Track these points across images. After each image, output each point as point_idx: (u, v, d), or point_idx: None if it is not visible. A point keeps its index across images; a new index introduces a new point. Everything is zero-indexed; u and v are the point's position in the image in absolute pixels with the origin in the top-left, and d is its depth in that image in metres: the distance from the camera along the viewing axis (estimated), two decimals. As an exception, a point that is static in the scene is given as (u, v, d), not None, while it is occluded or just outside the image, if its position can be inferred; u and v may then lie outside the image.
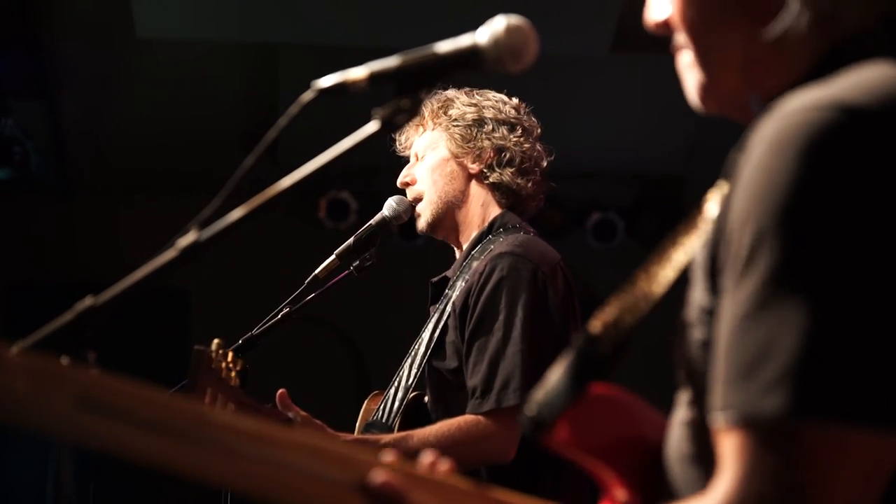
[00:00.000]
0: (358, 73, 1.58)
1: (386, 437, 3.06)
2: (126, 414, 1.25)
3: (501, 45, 1.55)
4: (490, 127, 3.27)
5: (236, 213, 1.55)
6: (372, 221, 3.37)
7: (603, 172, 7.87)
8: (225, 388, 3.04)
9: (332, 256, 3.32)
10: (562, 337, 3.11)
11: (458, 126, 3.28)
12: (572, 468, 3.11)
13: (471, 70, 1.55)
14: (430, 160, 3.33)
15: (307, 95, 1.58)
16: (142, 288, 1.54)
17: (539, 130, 3.36)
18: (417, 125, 3.35)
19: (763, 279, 1.17)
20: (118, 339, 3.02)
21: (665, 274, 1.44)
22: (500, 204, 3.31)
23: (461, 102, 3.30)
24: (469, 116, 3.28)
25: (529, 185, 3.30)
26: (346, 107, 1.98)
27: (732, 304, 1.20)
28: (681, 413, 1.39)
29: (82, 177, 7.72)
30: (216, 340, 3.09)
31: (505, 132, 3.27)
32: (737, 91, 1.39)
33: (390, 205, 3.37)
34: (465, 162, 3.29)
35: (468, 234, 3.33)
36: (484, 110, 3.29)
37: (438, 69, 1.56)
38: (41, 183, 7.10)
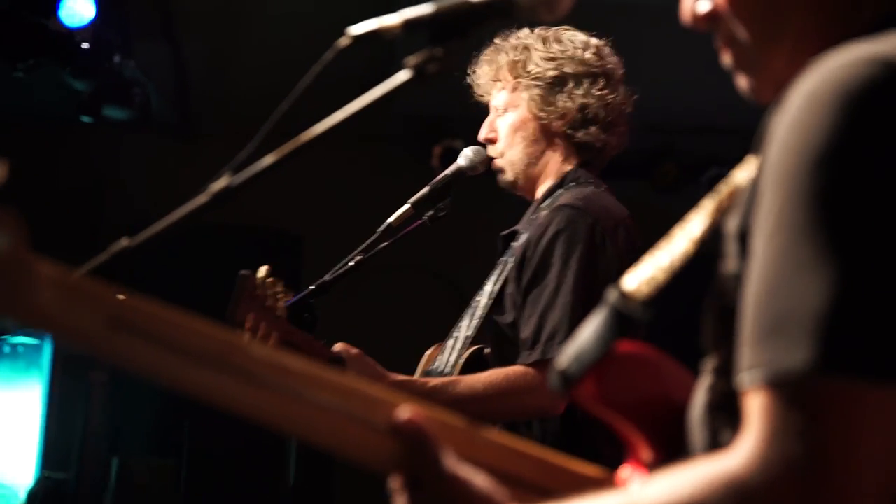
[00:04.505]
0: (392, 20, 1.57)
1: (433, 381, 3.03)
2: (156, 337, 1.27)
3: (534, -6, 1.52)
4: (571, 84, 3.16)
5: (268, 160, 1.56)
6: (447, 171, 3.32)
7: (721, 127, 7.69)
8: (268, 317, 3.00)
9: (407, 205, 3.30)
10: None
11: (538, 86, 3.17)
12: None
13: (505, 19, 1.52)
14: (512, 119, 3.24)
15: (342, 42, 1.57)
16: (173, 230, 1.56)
17: (622, 70, 3.24)
18: (494, 78, 3.26)
19: (793, 236, 1.13)
20: (229, 282, 3.04)
21: (700, 231, 1.41)
22: (577, 158, 3.22)
23: (539, 56, 3.18)
24: (549, 75, 3.17)
25: (615, 138, 3.21)
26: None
27: (761, 263, 1.16)
28: (705, 380, 1.36)
29: (203, 119, 7.84)
30: (264, 267, 3.07)
31: (587, 87, 3.16)
32: (792, 73, 1.31)
33: (466, 155, 3.32)
34: (548, 123, 3.20)
35: (543, 188, 3.26)
36: (564, 65, 3.17)
37: (472, 18, 1.54)
38: (161, 124, 7.21)
